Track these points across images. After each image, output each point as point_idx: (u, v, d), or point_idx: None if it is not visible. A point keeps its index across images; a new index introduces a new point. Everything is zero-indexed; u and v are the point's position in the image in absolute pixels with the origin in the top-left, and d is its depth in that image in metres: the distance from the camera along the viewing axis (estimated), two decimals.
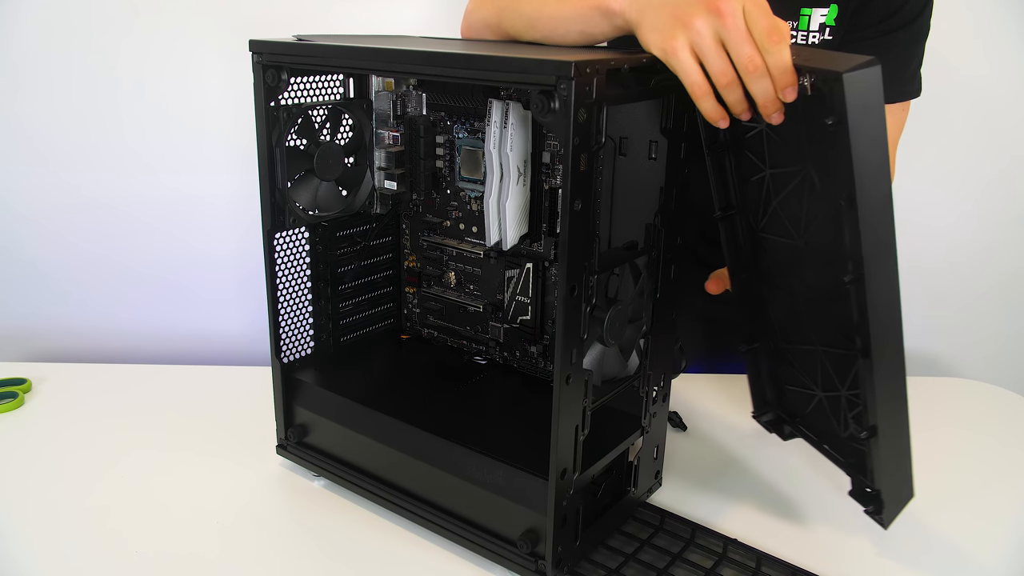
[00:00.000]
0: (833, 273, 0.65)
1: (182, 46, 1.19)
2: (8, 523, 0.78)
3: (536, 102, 0.57)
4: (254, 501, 0.82)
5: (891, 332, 0.64)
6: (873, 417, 0.66)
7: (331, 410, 0.82)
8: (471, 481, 0.71)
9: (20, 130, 1.21)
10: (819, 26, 0.90)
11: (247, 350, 1.31)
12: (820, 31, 0.91)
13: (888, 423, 0.67)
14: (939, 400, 1.05)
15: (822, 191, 0.65)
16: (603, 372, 0.71)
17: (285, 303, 0.84)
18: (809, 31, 0.91)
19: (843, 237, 0.62)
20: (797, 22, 0.91)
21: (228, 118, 1.22)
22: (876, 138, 0.58)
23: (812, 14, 0.90)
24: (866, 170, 0.58)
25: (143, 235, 1.27)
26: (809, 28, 0.91)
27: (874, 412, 0.66)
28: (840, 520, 0.79)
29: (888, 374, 0.66)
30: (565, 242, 0.59)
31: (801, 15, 0.91)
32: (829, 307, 0.68)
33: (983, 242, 1.34)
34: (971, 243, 1.34)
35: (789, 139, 0.67)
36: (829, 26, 0.90)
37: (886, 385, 0.66)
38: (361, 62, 0.70)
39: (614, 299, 0.69)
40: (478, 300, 0.89)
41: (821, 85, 0.58)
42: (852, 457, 0.73)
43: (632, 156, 0.72)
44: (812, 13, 0.90)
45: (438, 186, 0.88)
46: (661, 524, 0.76)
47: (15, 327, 1.30)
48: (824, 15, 0.90)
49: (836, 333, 0.69)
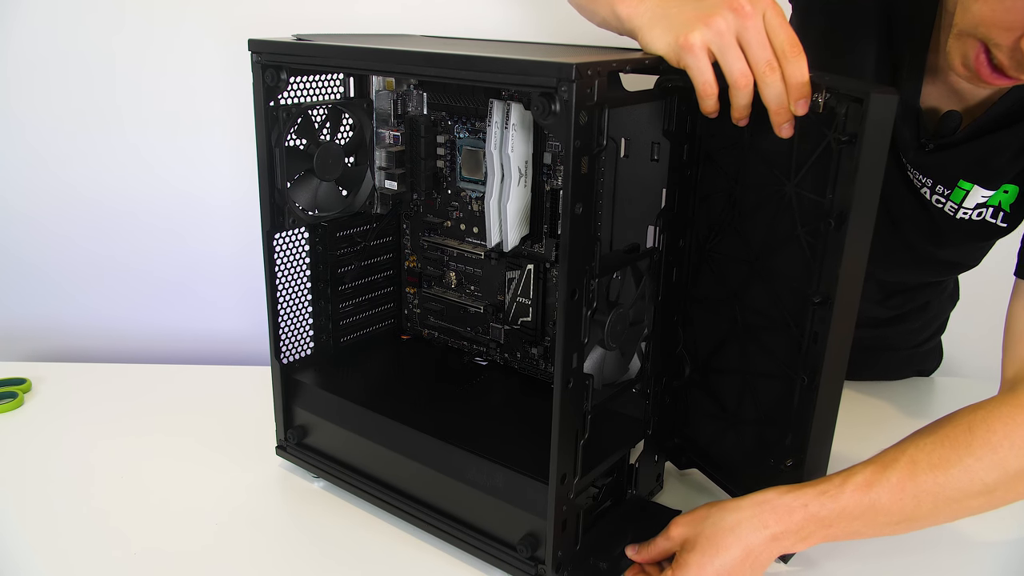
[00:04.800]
0: (786, 298, 0.66)
1: (182, 46, 1.18)
2: (8, 523, 0.78)
3: (537, 104, 0.57)
4: (253, 502, 0.81)
5: (841, 360, 0.65)
6: (804, 446, 0.66)
7: (331, 411, 0.82)
8: (471, 484, 0.71)
9: (19, 130, 1.20)
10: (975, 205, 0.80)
11: (247, 350, 1.31)
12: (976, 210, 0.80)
13: (815, 454, 0.67)
14: (939, 400, 1.05)
15: (800, 211, 0.65)
16: (604, 376, 0.71)
17: (285, 303, 0.84)
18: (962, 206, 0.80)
19: (810, 260, 0.63)
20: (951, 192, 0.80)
21: (228, 118, 1.21)
22: (878, 163, 0.59)
23: (971, 191, 0.79)
24: (864, 192, 0.59)
25: (143, 235, 1.27)
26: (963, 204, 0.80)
27: (806, 442, 0.66)
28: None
29: (827, 404, 0.66)
30: (566, 245, 0.59)
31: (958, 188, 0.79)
32: (772, 333, 0.68)
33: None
34: None
35: (772, 156, 0.67)
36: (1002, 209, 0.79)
37: (823, 415, 0.66)
38: (361, 62, 0.70)
39: (615, 302, 0.69)
40: (479, 301, 0.89)
41: (836, 104, 0.58)
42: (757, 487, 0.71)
43: (634, 158, 0.72)
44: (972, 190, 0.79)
45: (439, 186, 0.88)
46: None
47: (15, 327, 1.29)
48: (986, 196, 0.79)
49: (773, 360, 0.69)
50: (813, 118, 0.60)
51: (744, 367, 0.73)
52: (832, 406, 0.68)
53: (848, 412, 0.68)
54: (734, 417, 0.75)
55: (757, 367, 0.72)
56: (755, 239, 0.70)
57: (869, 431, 0.95)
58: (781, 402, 0.69)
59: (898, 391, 1.07)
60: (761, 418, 0.72)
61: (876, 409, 1.02)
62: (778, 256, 0.68)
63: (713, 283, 0.75)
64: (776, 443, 0.69)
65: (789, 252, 0.67)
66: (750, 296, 0.71)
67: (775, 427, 0.70)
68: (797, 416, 0.67)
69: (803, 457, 0.67)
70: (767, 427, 0.71)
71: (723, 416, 0.76)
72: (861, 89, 0.56)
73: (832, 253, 0.61)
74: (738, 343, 0.73)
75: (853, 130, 0.57)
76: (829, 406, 0.67)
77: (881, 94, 0.56)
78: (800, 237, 0.65)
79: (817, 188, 0.62)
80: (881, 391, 1.07)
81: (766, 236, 0.69)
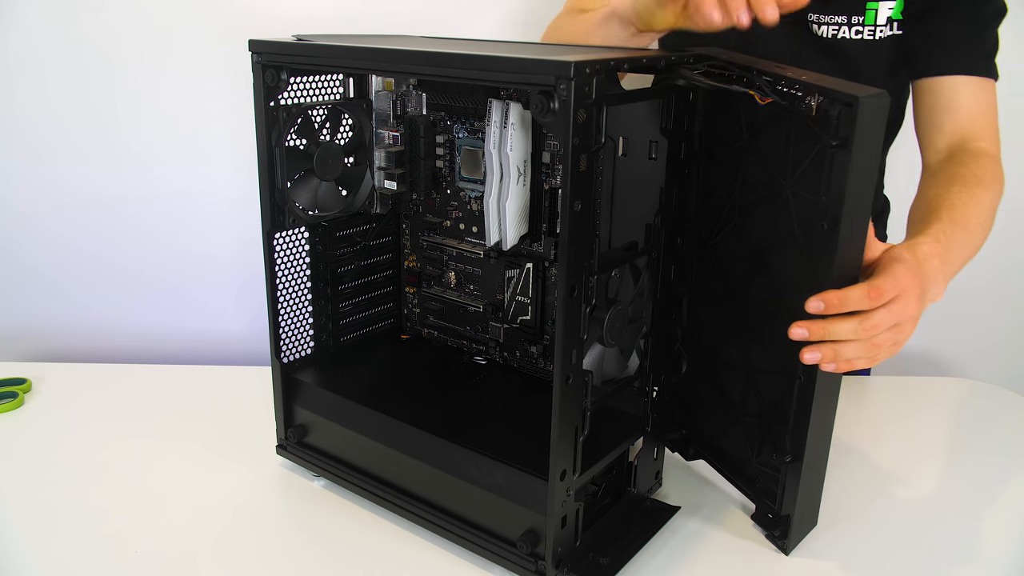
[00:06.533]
0: (785, 296, 0.66)
1: (181, 46, 1.19)
2: (7, 523, 0.78)
3: (536, 102, 0.57)
4: (254, 501, 0.82)
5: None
6: (802, 442, 0.67)
7: (331, 410, 0.82)
8: (471, 481, 0.71)
9: (19, 130, 1.21)
10: (886, 20, 0.90)
11: (247, 350, 1.31)
12: (887, 25, 0.91)
13: (813, 450, 0.68)
14: (939, 400, 1.05)
15: (796, 211, 0.65)
16: (603, 372, 0.71)
17: (285, 303, 0.84)
18: (877, 24, 0.90)
19: (806, 260, 0.63)
20: (864, 17, 0.90)
21: (228, 118, 1.22)
22: (870, 165, 0.60)
23: (879, 8, 0.90)
24: (856, 195, 0.60)
25: (143, 235, 1.27)
26: (876, 22, 0.90)
27: (804, 437, 0.67)
28: (840, 519, 0.79)
29: (824, 399, 0.67)
30: (565, 243, 0.59)
31: (868, 9, 0.91)
32: (773, 329, 0.69)
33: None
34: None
35: (770, 157, 0.67)
36: (896, 20, 0.91)
37: (821, 410, 0.67)
38: (361, 62, 0.70)
39: (614, 299, 0.69)
40: (478, 300, 0.89)
41: (828, 107, 0.59)
42: (760, 482, 0.74)
43: (632, 156, 0.72)
44: (879, 7, 0.90)
45: (438, 186, 0.88)
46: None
47: (15, 327, 1.30)
48: (891, 8, 0.90)
49: (775, 355, 0.70)
50: (807, 121, 0.61)
51: (747, 362, 0.74)
52: (830, 403, 0.68)
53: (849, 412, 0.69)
54: (739, 411, 0.76)
55: (759, 363, 0.73)
56: (755, 237, 0.70)
57: (871, 430, 0.96)
58: (782, 398, 0.69)
59: (899, 391, 1.07)
60: (764, 412, 0.72)
61: (877, 409, 1.03)
62: (776, 254, 0.69)
63: (716, 279, 0.75)
64: (778, 437, 0.70)
65: (787, 251, 0.67)
66: (751, 293, 0.72)
67: (777, 422, 0.70)
68: (794, 412, 0.68)
69: (801, 453, 0.67)
70: (770, 421, 0.72)
71: (728, 409, 0.77)
72: (851, 93, 0.57)
73: (826, 254, 0.62)
74: (741, 339, 0.74)
75: (845, 134, 0.57)
76: (827, 403, 0.68)
77: (870, 97, 0.57)
78: (797, 237, 0.65)
79: (812, 189, 0.63)
80: (883, 390, 1.07)
81: (765, 234, 0.70)
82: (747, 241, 0.71)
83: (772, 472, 0.72)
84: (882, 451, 0.91)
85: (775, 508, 0.72)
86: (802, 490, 0.70)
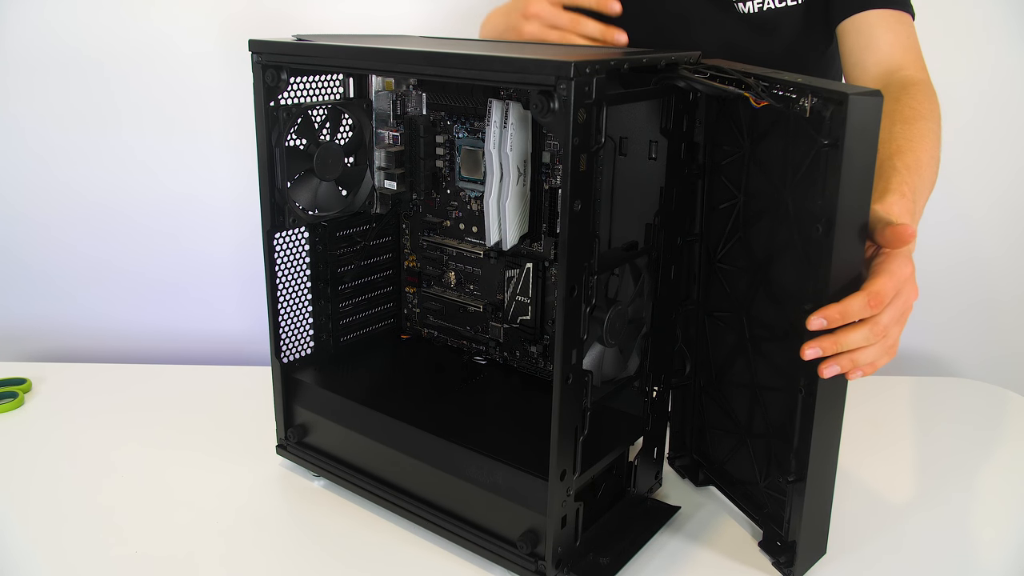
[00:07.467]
0: (788, 309, 0.66)
1: (181, 46, 1.19)
2: (8, 523, 0.78)
3: (536, 102, 0.57)
4: (254, 501, 0.82)
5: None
6: (805, 460, 0.65)
7: (331, 410, 0.82)
8: (471, 481, 0.71)
9: (18, 131, 1.21)
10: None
11: (247, 350, 1.31)
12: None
13: (817, 470, 0.66)
14: (939, 400, 1.05)
15: (796, 218, 0.65)
16: (603, 372, 0.71)
17: (285, 303, 0.84)
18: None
19: (806, 268, 0.63)
20: None
21: (228, 118, 1.22)
22: (866, 166, 0.59)
23: None
24: (850, 196, 0.59)
25: (143, 235, 1.27)
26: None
27: (807, 455, 0.65)
28: (840, 519, 0.79)
29: (827, 416, 0.66)
30: (565, 242, 0.59)
31: None
32: (778, 345, 0.68)
33: (983, 241, 1.33)
34: (971, 242, 1.33)
35: (770, 164, 0.67)
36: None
37: (824, 427, 0.65)
38: (361, 62, 0.70)
39: (614, 299, 0.69)
40: (478, 300, 0.89)
41: (821, 107, 0.58)
42: (768, 507, 0.73)
43: (632, 156, 0.72)
44: None
45: (438, 186, 0.88)
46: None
47: (15, 327, 1.30)
48: None
49: (780, 372, 0.69)
50: (802, 122, 0.60)
51: (753, 380, 0.73)
52: (834, 416, 0.67)
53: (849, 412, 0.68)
54: (746, 432, 0.74)
55: (765, 380, 0.71)
56: (758, 249, 0.70)
57: (868, 431, 0.96)
58: (787, 415, 0.68)
59: (898, 391, 1.07)
60: (770, 432, 0.71)
61: (876, 409, 1.02)
62: (778, 265, 0.68)
63: (723, 295, 0.75)
64: (783, 457, 0.69)
65: (787, 260, 0.67)
66: (755, 307, 0.71)
67: (782, 440, 0.69)
68: (798, 427, 0.66)
69: (805, 472, 0.66)
70: (776, 441, 0.70)
71: (736, 431, 0.76)
72: (841, 91, 0.56)
73: (823, 260, 0.60)
74: (747, 356, 0.73)
75: (837, 133, 0.57)
76: (831, 416, 0.66)
77: (861, 95, 0.56)
78: (797, 244, 0.65)
79: (809, 194, 0.62)
80: (880, 391, 1.07)
81: (767, 245, 0.69)
82: (751, 253, 0.71)
83: (779, 496, 0.70)
84: (886, 459, 0.90)
85: (782, 534, 0.71)
86: (807, 513, 0.68)
